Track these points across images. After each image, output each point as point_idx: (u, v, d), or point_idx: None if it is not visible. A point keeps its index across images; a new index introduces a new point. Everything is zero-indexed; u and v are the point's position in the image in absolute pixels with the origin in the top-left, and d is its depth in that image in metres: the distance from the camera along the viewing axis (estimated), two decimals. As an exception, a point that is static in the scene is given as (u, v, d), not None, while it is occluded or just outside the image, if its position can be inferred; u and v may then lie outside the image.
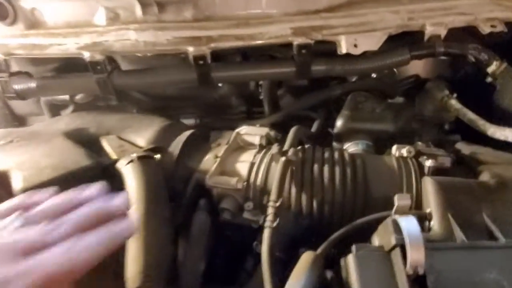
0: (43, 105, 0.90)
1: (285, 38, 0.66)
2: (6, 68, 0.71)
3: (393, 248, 0.38)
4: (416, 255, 0.36)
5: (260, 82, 0.89)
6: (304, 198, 0.53)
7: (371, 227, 0.46)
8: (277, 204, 0.50)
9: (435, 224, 0.44)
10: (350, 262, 0.39)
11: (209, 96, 0.94)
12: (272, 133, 0.68)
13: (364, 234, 0.47)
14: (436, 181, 0.47)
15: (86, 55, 0.66)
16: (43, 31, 0.69)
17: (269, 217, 0.49)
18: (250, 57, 0.79)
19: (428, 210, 0.46)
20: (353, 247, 0.41)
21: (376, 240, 0.43)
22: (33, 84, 0.70)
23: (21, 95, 0.72)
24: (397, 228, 0.38)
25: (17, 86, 0.70)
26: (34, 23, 0.70)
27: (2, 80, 0.70)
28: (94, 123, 0.68)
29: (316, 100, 0.75)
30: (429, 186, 0.47)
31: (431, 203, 0.46)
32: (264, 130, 0.67)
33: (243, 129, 0.69)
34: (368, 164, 0.54)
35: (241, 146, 0.64)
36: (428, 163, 0.51)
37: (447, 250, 0.38)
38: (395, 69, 0.85)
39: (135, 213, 0.47)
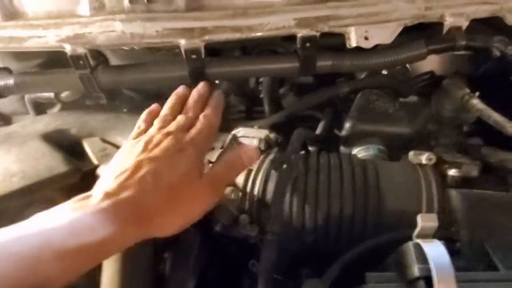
0: (27, 104, 0.84)
1: (287, 29, 0.59)
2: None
3: (416, 280, 0.31)
4: (446, 291, 0.29)
5: (261, 80, 0.82)
6: (307, 211, 0.46)
7: (386, 248, 0.40)
8: (277, 218, 0.43)
9: (463, 246, 0.37)
10: (362, 296, 0.32)
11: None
12: (272, 135, 0.61)
13: (377, 256, 0.41)
14: (463, 195, 0.40)
15: (68, 48, 0.60)
16: (22, 22, 0.63)
17: (268, 235, 0.43)
18: (249, 52, 0.72)
19: (453, 229, 0.39)
20: (366, 276, 0.34)
21: (392, 267, 0.36)
22: (11, 81, 0.64)
23: (0, 93, 0.66)
24: (421, 256, 0.31)
25: (-6, 83, 0.64)
26: (13, 14, 0.63)
27: (-23, 76, 0.63)
28: (76, 124, 0.62)
29: (321, 98, 0.68)
30: (455, 200, 0.40)
31: (458, 221, 0.39)
32: (263, 133, 0.60)
33: (240, 131, 0.63)
34: (381, 172, 0.47)
35: (238, 150, 0.57)
36: (452, 172, 0.44)
37: (481, 283, 0.31)
38: (407, 65, 0.77)
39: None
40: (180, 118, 0.48)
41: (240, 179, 0.51)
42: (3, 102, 0.89)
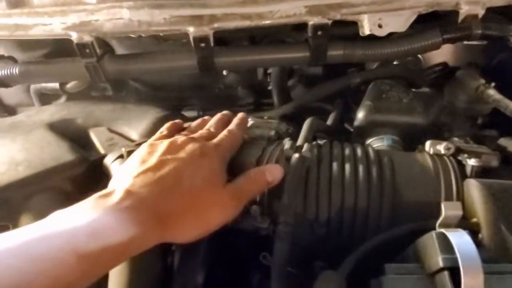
0: (32, 95, 0.83)
1: (298, 17, 0.57)
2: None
3: (439, 271, 0.30)
4: (473, 282, 0.27)
5: (269, 71, 0.81)
6: (320, 202, 0.45)
7: (403, 240, 0.38)
8: (290, 209, 0.42)
9: (485, 238, 0.36)
10: (383, 287, 0.31)
11: (214, 86, 0.86)
12: (283, 126, 0.60)
13: (393, 248, 0.39)
14: (483, 185, 0.39)
15: (74, 36, 0.58)
16: (27, 10, 0.61)
17: (281, 226, 0.42)
18: (258, 43, 0.71)
19: (474, 220, 0.38)
20: (386, 268, 0.33)
21: (412, 259, 0.35)
22: (15, 70, 0.63)
23: (4, 82, 0.65)
24: (445, 246, 0.30)
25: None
26: (18, 1, 0.62)
27: (-19, 65, 0.62)
28: (82, 114, 0.61)
29: (332, 89, 0.66)
30: (474, 190, 0.39)
31: (479, 212, 0.37)
32: (274, 123, 0.59)
33: (249, 122, 0.61)
34: (397, 162, 0.46)
35: (247, 141, 0.56)
36: (471, 162, 0.42)
37: (508, 275, 0.30)
38: (420, 57, 0.76)
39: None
40: (203, 130, 0.49)
41: (250, 168, 0.50)
42: (9, 93, 0.88)
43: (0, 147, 0.51)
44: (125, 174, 0.39)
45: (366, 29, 0.57)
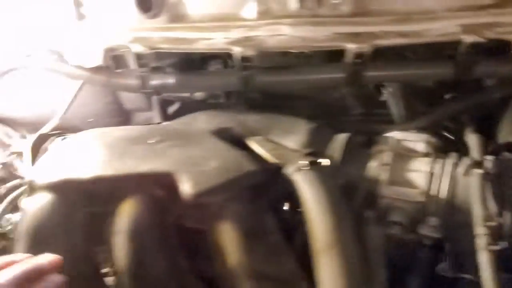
0: (154, 101, 0.87)
1: (454, 36, 0.59)
2: (146, 62, 0.67)
3: None
4: None
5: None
6: (507, 216, 0.47)
7: None
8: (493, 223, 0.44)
9: None
10: None
11: (325, 97, 0.89)
12: (432, 139, 0.62)
13: None
14: None
15: (236, 50, 0.62)
16: (187, 24, 0.66)
17: (485, 239, 0.44)
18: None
19: None
20: None
21: None
22: (171, 80, 0.67)
23: (158, 91, 0.69)
24: None
25: (154, 82, 0.68)
26: (177, 16, 0.66)
27: (143, 75, 0.67)
28: (235, 123, 0.64)
29: (472, 102, 0.68)
30: None
31: None
32: (425, 137, 0.61)
33: (398, 135, 0.64)
34: None
35: (405, 154, 0.59)
36: None
37: None
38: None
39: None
40: None
41: (421, 181, 0.52)
42: (129, 99, 0.93)
43: (182, 154, 0.54)
44: None
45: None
